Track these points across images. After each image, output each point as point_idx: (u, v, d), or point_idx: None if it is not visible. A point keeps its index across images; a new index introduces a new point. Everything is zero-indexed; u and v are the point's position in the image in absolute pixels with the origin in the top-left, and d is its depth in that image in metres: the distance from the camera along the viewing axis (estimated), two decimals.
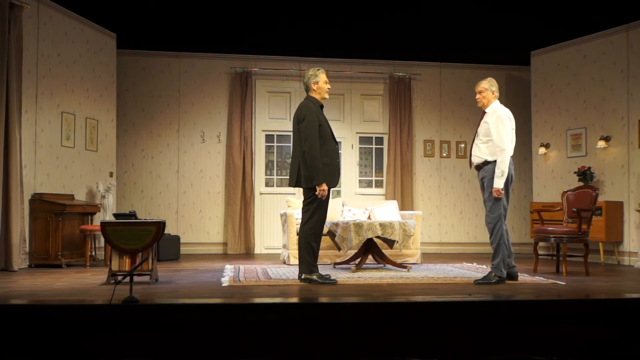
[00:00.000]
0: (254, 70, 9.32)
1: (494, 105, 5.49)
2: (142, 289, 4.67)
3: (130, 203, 8.96)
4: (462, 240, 9.69)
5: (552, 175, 8.82)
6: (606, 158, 8.03)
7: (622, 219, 7.74)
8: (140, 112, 9.17)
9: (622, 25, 7.84)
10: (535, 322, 3.78)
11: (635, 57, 7.70)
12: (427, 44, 9.10)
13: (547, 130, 8.93)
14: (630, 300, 4.22)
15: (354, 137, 9.65)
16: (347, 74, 9.47)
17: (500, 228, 5.33)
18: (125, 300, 3.62)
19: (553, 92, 8.84)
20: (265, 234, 9.25)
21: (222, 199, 9.25)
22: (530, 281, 5.56)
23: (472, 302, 3.92)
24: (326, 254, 7.06)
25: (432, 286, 5.15)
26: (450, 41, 8.94)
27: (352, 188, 9.57)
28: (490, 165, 5.37)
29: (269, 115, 9.45)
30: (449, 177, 9.75)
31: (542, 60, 9.03)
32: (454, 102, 9.81)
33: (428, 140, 9.75)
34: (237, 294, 4.60)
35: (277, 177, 9.51)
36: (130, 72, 9.11)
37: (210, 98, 9.33)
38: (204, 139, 9.27)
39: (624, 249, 7.73)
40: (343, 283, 5.30)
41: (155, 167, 9.17)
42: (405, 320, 3.68)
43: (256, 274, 5.99)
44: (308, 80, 5.41)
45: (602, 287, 5.20)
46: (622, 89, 7.86)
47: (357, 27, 8.48)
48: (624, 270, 6.86)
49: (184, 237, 8.78)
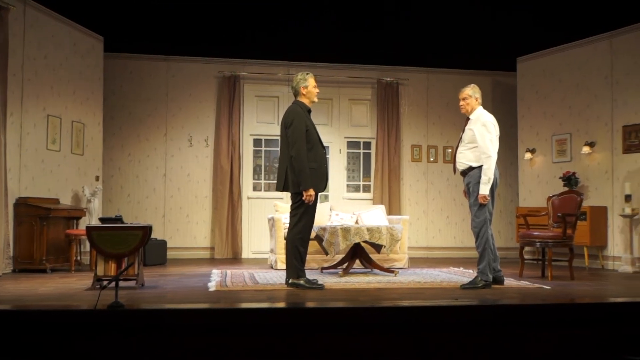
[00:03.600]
0: (242, 74, 9.31)
1: (478, 111, 5.54)
2: (127, 294, 4.63)
3: (116, 207, 8.90)
4: (449, 245, 9.74)
5: (537, 180, 8.90)
6: (590, 163, 8.12)
7: (606, 224, 7.83)
8: (128, 116, 9.11)
9: (605, 32, 7.95)
10: (521, 326, 3.81)
11: (619, 64, 7.81)
12: (415, 50, 9.16)
13: (532, 135, 9.02)
14: (615, 305, 4.27)
15: (341, 141, 9.68)
16: (335, 78, 9.50)
17: (485, 232, 5.37)
18: (110, 305, 3.59)
19: (538, 97, 8.94)
20: (253, 239, 9.22)
21: (209, 203, 9.22)
22: (516, 285, 5.60)
23: (458, 307, 3.94)
24: (314, 258, 7.05)
25: (419, 291, 5.17)
26: (438, 47, 9.01)
27: (340, 192, 9.59)
28: (475, 170, 5.41)
29: (257, 119, 9.44)
30: (436, 182, 9.81)
31: (528, 66, 9.13)
32: (441, 107, 9.88)
33: (415, 145, 9.80)
34: (224, 298, 4.58)
35: (265, 181, 9.50)
36: (118, 76, 9.06)
37: (198, 102, 9.30)
38: (191, 143, 9.24)
39: (608, 253, 7.82)
40: (330, 288, 5.30)
41: (142, 171, 9.12)
42: (392, 325, 3.69)
43: (243, 278, 5.97)
44: (297, 85, 5.41)
45: (586, 292, 5.26)
46: (606, 95, 7.96)
47: (346, 32, 8.52)
48: (608, 275, 6.94)
49: (170, 242, 8.73)
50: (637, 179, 7.47)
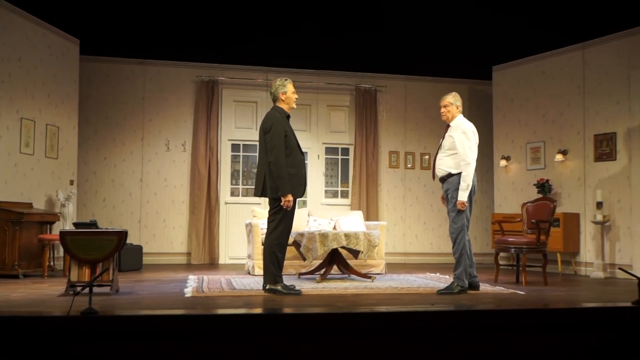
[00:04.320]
0: (220, 79, 9.28)
1: (459, 119, 5.62)
2: (102, 300, 4.56)
3: (91, 212, 8.77)
4: (426, 251, 9.82)
5: (512, 187, 9.04)
6: (563, 171, 8.28)
7: (578, 231, 7.99)
8: (104, 120, 9.00)
9: (578, 43, 8.14)
10: (497, 331, 3.85)
11: (591, 74, 8.00)
12: (393, 57, 9.25)
13: (508, 143, 9.16)
14: (587, 310, 4.35)
15: (320, 147, 9.70)
16: (314, 84, 9.53)
17: (462, 238, 5.44)
18: (84, 311, 3.53)
19: (514, 106, 9.09)
20: (230, 244, 9.17)
21: (186, 208, 9.14)
22: (491, 291, 5.67)
23: (435, 312, 3.97)
24: (291, 264, 7.05)
25: (396, 296, 5.20)
26: (416, 55, 9.11)
27: (318, 198, 9.60)
28: (455, 177, 5.48)
29: (235, 124, 9.41)
30: (414, 188, 9.89)
31: (504, 75, 9.28)
32: (419, 114, 9.98)
33: (393, 151, 9.88)
34: (201, 304, 4.55)
35: (243, 186, 9.46)
36: (94, 79, 8.95)
37: (176, 106, 9.24)
38: (168, 147, 9.17)
39: (581, 259, 7.97)
40: (307, 293, 5.30)
41: (118, 176, 9.01)
42: (369, 331, 3.70)
43: (220, 284, 5.93)
44: (276, 90, 5.42)
45: (560, 297, 5.35)
46: (578, 104, 8.14)
47: (325, 39, 8.56)
48: (580, 280, 7.07)
49: (146, 247, 8.63)
50: (608, 186, 7.64)
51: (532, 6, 7.70)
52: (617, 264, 7.35)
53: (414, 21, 8.19)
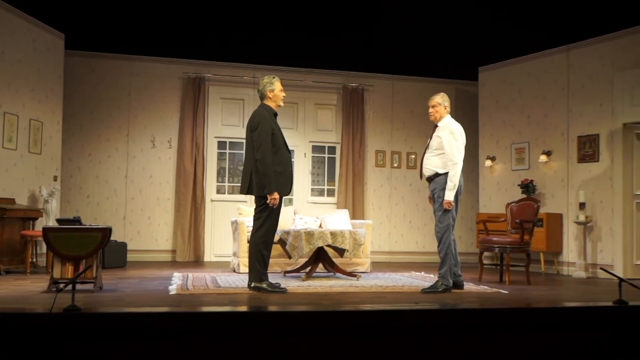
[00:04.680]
0: (207, 76, 9.24)
1: (446, 119, 5.66)
2: (85, 297, 4.53)
3: (75, 208, 8.68)
4: (411, 250, 9.86)
5: (497, 187, 9.12)
6: (547, 172, 8.37)
7: (561, 231, 8.08)
8: (89, 115, 8.92)
9: (563, 45, 8.23)
10: (480, 329, 3.89)
11: (575, 76, 8.09)
12: (380, 57, 9.28)
13: (493, 143, 9.24)
14: (569, 309, 4.41)
15: (306, 145, 9.69)
16: (301, 83, 9.52)
17: (448, 238, 5.47)
18: (67, 308, 3.50)
19: (499, 107, 9.17)
20: (216, 242, 9.14)
21: (171, 205, 9.09)
22: (475, 290, 5.72)
23: (419, 311, 4.00)
24: (277, 262, 7.04)
25: (381, 295, 5.22)
26: (403, 55, 9.15)
27: (304, 196, 9.60)
28: (441, 177, 5.52)
29: (221, 121, 9.37)
30: (400, 187, 9.93)
31: (489, 76, 9.35)
32: (406, 114, 10.02)
33: (380, 150, 9.91)
34: (185, 302, 4.53)
35: (229, 184, 9.43)
36: (79, 74, 8.86)
37: (162, 103, 9.17)
38: (154, 144, 9.10)
39: (563, 259, 8.07)
40: (293, 291, 5.30)
41: (103, 172, 8.93)
42: (354, 329, 3.71)
43: (205, 282, 5.91)
44: (263, 88, 5.41)
45: (542, 296, 5.41)
46: (562, 106, 8.23)
47: (312, 38, 8.56)
48: (562, 280, 7.16)
49: (131, 244, 8.56)
50: (591, 187, 7.74)
51: (518, 8, 7.76)
52: (598, 264, 7.44)
53: (402, 21, 8.23)
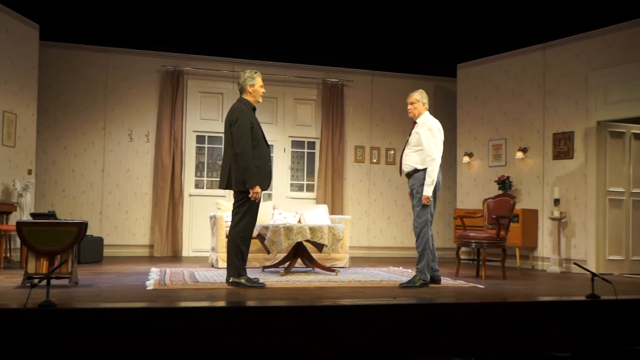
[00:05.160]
0: (186, 69, 9.15)
1: (425, 116, 5.71)
2: (60, 293, 4.46)
3: (50, 202, 8.54)
4: (390, 245, 9.93)
5: (474, 183, 9.22)
6: (523, 168, 8.49)
7: (537, 226, 8.21)
8: (64, 108, 8.77)
9: (539, 44, 8.34)
10: (456, 324, 3.94)
11: (551, 74, 8.21)
12: (360, 52, 9.29)
13: (470, 140, 9.33)
14: (543, 304, 4.49)
15: (286, 140, 9.68)
16: (281, 77, 9.49)
17: (426, 233, 5.53)
18: (41, 304, 3.45)
19: (477, 103, 9.26)
20: (194, 237, 9.08)
21: (149, 199, 9.00)
22: (452, 285, 5.79)
23: (396, 305, 4.03)
24: (255, 257, 7.03)
25: (359, 289, 5.25)
26: (382, 51, 9.18)
27: (284, 191, 9.59)
28: (420, 173, 5.57)
29: (200, 115, 9.30)
30: (379, 183, 9.98)
31: (468, 73, 9.44)
32: (385, 110, 10.06)
33: (359, 146, 9.94)
34: (162, 297, 4.50)
35: (208, 178, 9.37)
36: (54, 66, 8.70)
37: (140, 96, 9.06)
38: (131, 137, 8.99)
39: (538, 254, 8.20)
40: (271, 286, 5.30)
41: (79, 166, 8.79)
42: (331, 324, 3.73)
43: (183, 277, 5.87)
44: (244, 82, 5.38)
45: (517, 291, 5.50)
46: (538, 103, 8.35)
47: (292, 32, 8.53)
48: (537, 275, 7.28)
49: (107, 239, 8.46)
50: (565, 184, 7.88)
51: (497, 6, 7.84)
52: (572, 259, 7.59)
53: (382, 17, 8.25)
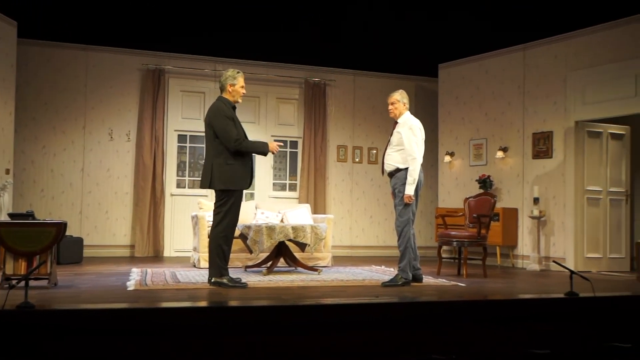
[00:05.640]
0: (167, 68, 9.08)
1: (406, 116, 5.75)
2: (39, 294, 4.41)
3: (28, 202, 8.41)
4: (372, 244, 9.97)
5: (456, 183, 9.30)
6: (504, 167, 8.59)
7: (517, 225, 8.31)
8: (43, 106, 8.64)
9: (519, 44, 8.44)
10: (438, 322, 3.97)
11: (530, 75, 8.32)
12: (343, 52, 9.30)
13: (452, 139, 9.41)
14: (523, 301, 4.54)
15: (268, 140, 9.60)
16: (263, 76, 9.47)
17: (408, 232, 5.57)
18: (19, 305, 3.40)
19: (458, 103, 9.34)
20: (176, 237, 9.01)
21: (130, 199, 8.91)
22: (433, 283, 5.83)
23: (379, 304, 4.05)
24: (238, 257, 7.01)
25: (342, 288, 5.27)
26: (365, 51, 9.20)
27: (266, 191, 9.57)
28: (402, 172, 5.61)
29: (182, 114, 9.23)
30: (361, 182, 10.01)
31: (449, 73, 9.51)
32: (367, 110, 10.09)
33: (341, 145, 9.96)
34: (143, 298, 4.46)
35: (189, 178, 9.31)
36: (33, 64, 8.57)
37: (120, 95, 8.97)
38: (112, 137, 8.90)
39: (518, 252, 8.30)
40: (254, 286, 5.29)
41: (58, 165, 8.67)
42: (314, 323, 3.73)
43: (164, 277, 5.83)
44: (225, 80, 5.35)
45: (498, 289, 5.56)
46: (518, 103, 8.45)
47: (274, 32, 8.51)
48: (517, 273, 7.37)
49: (87, 239, 8.37)
50: (545, 182, 7.98)
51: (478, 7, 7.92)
52: (551, 257, 7.70)
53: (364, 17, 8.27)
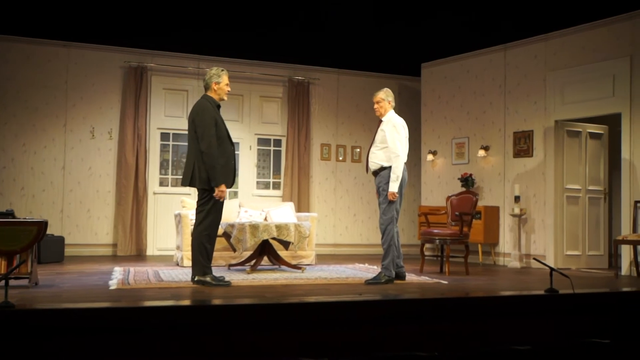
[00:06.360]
0: (150, 65, 9.01)
1: (390, 114, 5.79)
2: (19, 294, 4.36)
3: (8, 201, 8.30)
4: (355, 242, 10.01)
5: (438, 181, 9.38)
6: (485, 166, 8.68)
7: (498, 223, 8.41)
8: (23, 104, 8.52)
9: (500, 44, 8.53)
10: (421, 319, 4.01)
11: (511, 74, 8.42)
12: (326, 51, 9.31)
13: (434, 138, 9.48)
14: (504, 298, 4.61)
15: (252, 138, 9.64)
16: (247, 75, 9.44)
17: (391, 230, 5.60)
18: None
19: (440, 102, 9.41)
20: (158, 235, 8.96)
21: (112, 198, 8.83)
22: (416, 281, 5.88)
23: (362, 302, 4.08)
24: (221, 255, 6.99)
25: (325, 287, 5.29)
26: (348, 50, 9.22)
27: (250, 189, 9.55)
28: (386, 170, 5.65)
29: (164, 112, 9.17)
30: (344, 181, 10.04)
31: (431, 72, 9.58)
32: (351, 108, 10.12)
33: (325, 144, 9.97)
34: (126, 297, 4.44)
35: (172, 176, 9.26)
36: (12, 60, 8.44)
37: (102, 92, 8.88)
38: (93, 134, 8.81)
39: (500, 250, 8.40)
40: (237, 285, 5.29)
41: (39, 163, 8.56)
42: (297, 321, 3.75)
43: (147, 276, 5.80)
44: (210, 78, 5.34)
45: (480, 286, 5.63)
46: (499, 103, 8.55)
47: (258, 30, 8.49)
48: (499, 270, 7.46)
49: (69, 238, 8.28)
50: (525, 181, 8.09)
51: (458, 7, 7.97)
52: (532, 255, 7.81)
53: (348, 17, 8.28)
